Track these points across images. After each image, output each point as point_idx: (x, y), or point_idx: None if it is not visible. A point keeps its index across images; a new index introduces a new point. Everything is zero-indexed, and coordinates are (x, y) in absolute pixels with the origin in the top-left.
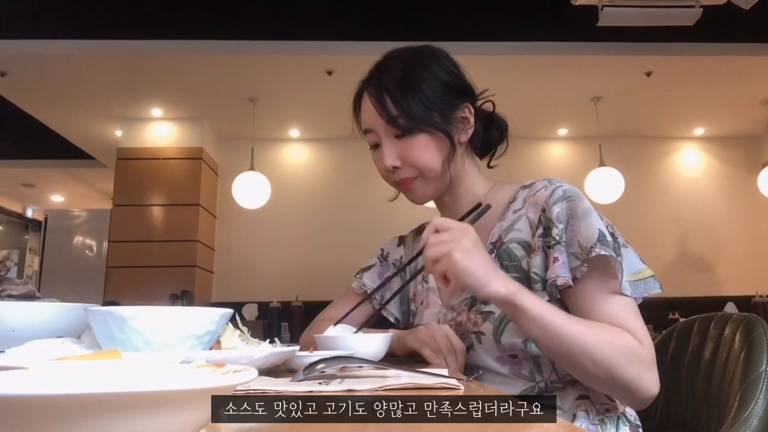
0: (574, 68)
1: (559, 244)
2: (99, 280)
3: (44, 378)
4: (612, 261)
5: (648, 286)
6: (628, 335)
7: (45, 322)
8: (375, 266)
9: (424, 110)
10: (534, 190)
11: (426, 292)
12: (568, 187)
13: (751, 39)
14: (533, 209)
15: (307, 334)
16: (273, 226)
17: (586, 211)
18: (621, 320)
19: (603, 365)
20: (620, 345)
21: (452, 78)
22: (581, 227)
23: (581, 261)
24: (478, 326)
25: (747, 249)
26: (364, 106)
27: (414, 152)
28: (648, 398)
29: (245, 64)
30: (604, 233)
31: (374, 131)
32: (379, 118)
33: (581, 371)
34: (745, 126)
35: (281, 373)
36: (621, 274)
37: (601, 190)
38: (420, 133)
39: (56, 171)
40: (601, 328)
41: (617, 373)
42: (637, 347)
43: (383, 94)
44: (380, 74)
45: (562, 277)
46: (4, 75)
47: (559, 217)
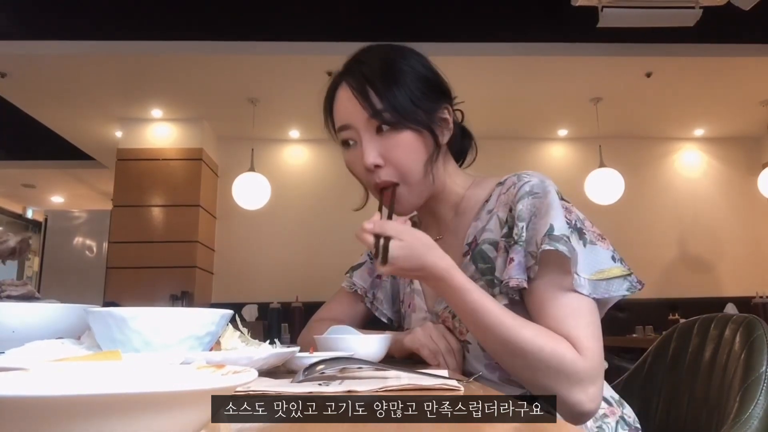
0: (574, 68)
1: (517, 244)
2: (99, 281)
3: (44, 379)
4: (560, 257)
5: (612, 287)
6: (566, 346)
7: (45, 323)
8: (365, 264)
9: (411, 105)
10: (505, 187)
11: (412, 294)
12: (536, 182)
13: (751, 39)
14: (503, 208)
15: (305, 336)
16: (273, 227)
17: (549, 207)
18: (567, 326)
19: (527, 370)
20: (551, 354)
21: (432, 75)
22: (540, 224)
23: (534, 259)
24: (464, 335)
25: (747, 249)
26: (341, 100)
27: (398, 151)
28: (578, 414)
29: (245, 64)
30: (555, 227)
31: (352, 127)
32: (361, 111)
33: (508, 368)
34: (745, 127)
35: (281, 374)
36: (574, 269)
37: (601, 190)
38: (405, 129)
39: (56, 172)
40: (538, 331)
41: (540, 383)
42: (572, 360)
43: (365, 85)
44: (359, 66)
45: (515, 278)
46: (4, 75)
47: (521, 215)
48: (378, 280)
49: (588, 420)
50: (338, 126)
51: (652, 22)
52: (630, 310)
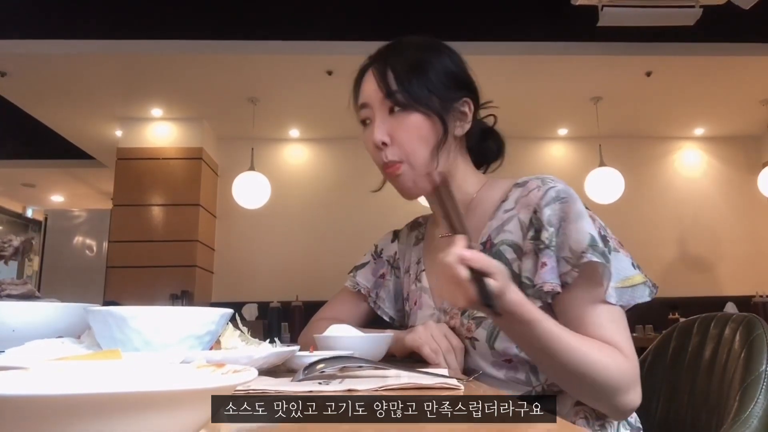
0: (574, 68)
1: (548, 248)
2: (99, 280)
3: (44, 378)
4: (601, 268)
5: (636, 293)
6: (619, 355)
7: (45, 322)
8: (369, 264)
9: (424, 91)
10: (527, 189)
11: (419, 292)
12: (561, 188)
13: (751, 39)
14: (525, 210)
15: (305, 335)
16: (273, 226)
17: (578, 214)
18: (609, 333)
19: (592, 388)
20: (616, 370)
21: (458, 69)
22: (572, 231)
23: (572, 266)
24: (472, 332)
25: (747, 249)
26: (365, 81)
27: (404, 131)
28: (631, 411)
29: (245, 64)
30: (596, 238)
31: (369, 106)
32: (378, 91)
33: (567, 386)
34: (745, 126)
35: (281, 373)
36: (608, 282)
37: (601, 190)
38: (415, 111)
39: (56, 171)
40: (599, 348)
41: (601, 396)
42: (626, 369)
43: (387, 69)
44: (389, 53)
45: (549, 283)
46: (4, 75)
47: (550, 220)
48: (381, 279)
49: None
50: (360, 103)
51: (652, 21)
52: (630, 310)
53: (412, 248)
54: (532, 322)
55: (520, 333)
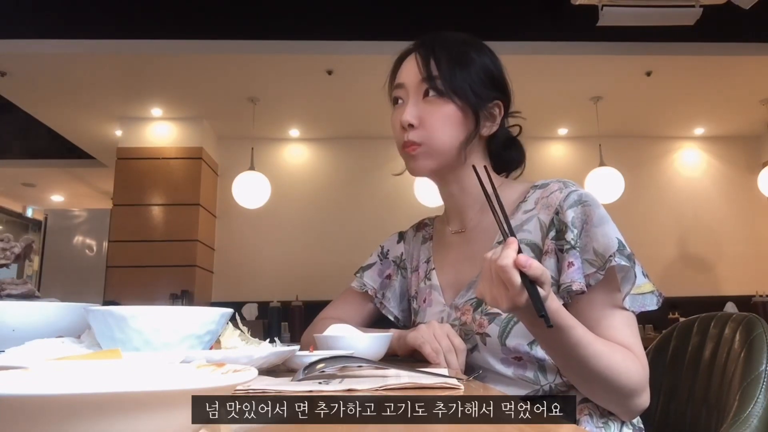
0: (574, 68)
1: (573, 249)
2: (99, 280)
3: (44, 378)
4: (626, 273)
5: (645, 301)
6: (635, 358)
7: (45, 322)
8: (375, 264)
9: (464, 83)
10: (548, 191)
11: (429, 290)
12: (583, 192)
13: (750, 39)
14: (545, 211)
15: (308, 334)
16: (273, 226)
17: (602, 218)
18: (624, 335)
19: (610, 391)
20: (635, 372)
21: (496, 71)
22: (597, 234)
23: (596, 268)
24: (484, 327)
25: (747, 249)
26: (406, 62)
27: (435, 118)
28: (640, 412)
29: (245, 64)
30: (623, 243)
31: (404, 87)
32: (417, 74)
33: (587, 389)
34: (745, 126)
35: (281, 372)
36: (629, 287)
37: (601, 189)
38: (450, 102)
39: (56, 171)
40: (622, 353)
41: (617, 398)
42: (640, 370)
43: (431, 56)
44: (435, 42)
45: (577, 282)
46: (4, 75)
47: (574, 221)
48: (388, 280)
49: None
50: (396, 83)
51: (652, 21)
52: None
53: (420, 247)
54: (567, 328)
55: (553, 338)
